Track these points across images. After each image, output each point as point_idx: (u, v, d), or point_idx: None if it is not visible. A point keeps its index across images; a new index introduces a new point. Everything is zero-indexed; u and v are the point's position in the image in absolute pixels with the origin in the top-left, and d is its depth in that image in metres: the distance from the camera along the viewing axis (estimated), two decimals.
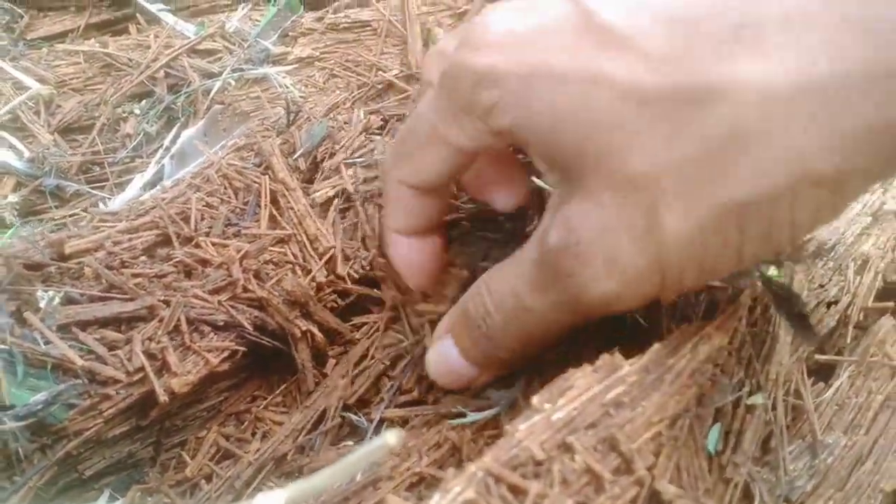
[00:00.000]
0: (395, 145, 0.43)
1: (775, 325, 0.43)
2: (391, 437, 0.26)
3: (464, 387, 0.42)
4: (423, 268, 0.45)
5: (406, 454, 0.43)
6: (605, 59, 0.31)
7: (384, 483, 0.42)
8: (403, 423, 0.44)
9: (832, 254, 0.47)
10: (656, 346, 0.36)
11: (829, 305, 0.46)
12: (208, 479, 0.45)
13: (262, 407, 0.47)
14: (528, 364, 0.42)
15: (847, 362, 0.45)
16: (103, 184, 0.61)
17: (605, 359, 0.35)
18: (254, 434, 0.47)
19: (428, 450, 0.42)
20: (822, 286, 0.47)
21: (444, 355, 0.40)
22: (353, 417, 0.45)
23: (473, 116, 0.35)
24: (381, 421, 0.45)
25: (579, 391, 0.34)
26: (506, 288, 0.37)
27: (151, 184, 0.59)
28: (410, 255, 0.44)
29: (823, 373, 0.46)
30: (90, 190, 0.61)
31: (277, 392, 0.48)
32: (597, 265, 0.32)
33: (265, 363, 0.49)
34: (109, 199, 0.60)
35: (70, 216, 0.58)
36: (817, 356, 0.45)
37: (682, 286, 0.34)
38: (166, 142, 0.60)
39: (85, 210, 0.59)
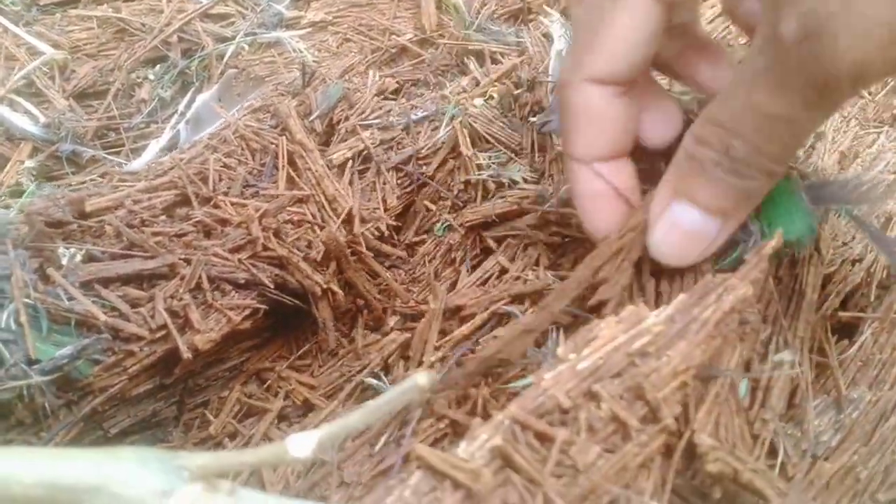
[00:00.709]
0: (573, 40, 0.38)
1: (802, 282, 0.43)
2: (422, 378, 0.26)
3: (702, 253, 0.38)
4: (613, 205, 0.39)
5: (430, 411, 0.43)
6: None
7: (408, 439, 0.42)
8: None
9: (856, 212, 0.47)
10: (682, 296, 0.35)
11: (853, 263, 0.45)
12: (232, 437, 0.46)
13: (284, 366, 0.47)
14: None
15: (871, 319, 0.44)
16: (119, 149, 0.61)
17: (629, 310, 0.35)
18: (276, 394, 0.47)
19: (450, 407, 0.43)
20: (845, 244, 0.46)
21: (677, 223, 0.37)
22: (374, 382, 0.45)
23: None
24: None
25: (604, 341, 0.34)
26: (741, 109, 0.33)
27: (167, 149, 0.59)
28: (600, 186, 0.38)
29: (847, 330, 0.46)
30: (106, 155, 0.60)
31: (300, 352, 0.48)
32: (844, 37, 0.30)
33: (287, 323, 0.49)
34: (125, 164, 0.60)
35: (87, 182, 0.58)
36: (840, 313, 0.45)
37: None
38: (181, 107, 0.60)
39: (101, 176, 0.59)
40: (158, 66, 0.63)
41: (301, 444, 0.26)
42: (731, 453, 0.33)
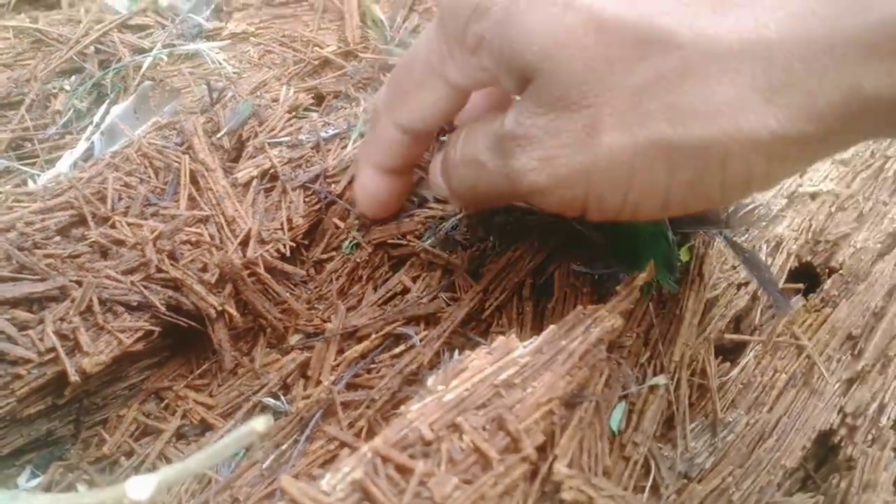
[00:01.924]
0: (390, 83, 0.44)
1: (682, 307, 0.44)
2: (259, 423, 0.26)
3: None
4: (387, 204, 0.47)
5: (322, 433, 0.44)
6: None
7: (298, 460, 0.43)
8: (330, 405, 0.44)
9: (746, 236, 0.48)
10: (551, 327, 0.36)
11: (738, 287, 0.47)
12: (128, 455, 0.46)
13: (183, 385, 0.48)
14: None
15: (754, 342, 0.46)
16: (34, 160, 0.61)
17: (500, 340, 0.36)
18: (174, 413, 0.47)
19: (342, 429, 0.43)
20: (734, 267, 0.47)
21: (434, 170, 0.44)
22: (271, 402, 0.46)
23: (466, 51, 0.37)
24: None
25: (472, 372, 0.35)
26: (474, 143, 0.39)
27: (82, 160, 0.59)
28: (379, 190, 0.46)
29: (737, 351, 0.47)
30: (20, 166, 0.60)
31: (199, 371, 0.48)
32: (533, 158, 0.35)
33: (187, 341, 0.49)
34: (39, 175, 0.60)
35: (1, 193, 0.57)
36: (727, 335, 0.46)
37: (603, 209, 0.36)
38: (96, 118, 0.60)
39: (14, 188, 0.58)
40: (74, 76, 0.62)
41: (140, 487, 0.26)
42: (588, 481, 0.34)
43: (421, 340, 0.46)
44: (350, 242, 0.53)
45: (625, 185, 0.34)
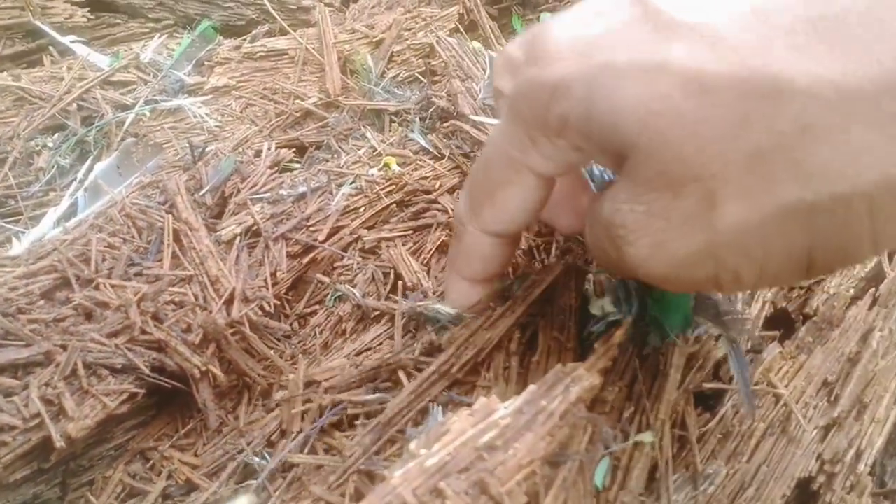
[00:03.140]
0: (469, 190, 0.41)
1: (667, 363, 0.44)
2: (244, 502, 0.27)
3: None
4: (485, 305, 0.45)
5: (307, 493, 0.44)
6: (669, 49, 0.29)
7: None
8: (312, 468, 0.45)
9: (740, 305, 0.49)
10: (531, 387, 0.37)
11: (717, 338, 0.47)
12: None
13: (168, 445, 0.48)
14: None
15: (731, 391, 0.46)
16: (18, 218, 0.61)
17: (481, 402, 0.36)
18: (159, 473, 0.47)
19: (329, 489, 0.43)
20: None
21: None
22: (256, 460, 0.46)
23: (551, 135, 0.34)
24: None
25: (454, 435, 0.35)
26: (595, 232, 0.36)
27: (66, 217, 0.59)
28: (478, 298, 0.44)
29: (717, 398, 0.48)
30: (4, 224, 0.60)
31: (184, 430, 0.48)
32: (642, 247, 0.32)
33: (172, 400, 0.49)
34: (24, 232, 0.60)
35: None
36: (705, 385, 0.46)
37: (739, 282, 0.32)
38: (80, 175, 0.60)
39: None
40: (57, 134, 0.63)
41: None
42: None
43: (404, 394, 0.46)
44: (333, 295, 0.54)
45: (760, 256, 0.30)
